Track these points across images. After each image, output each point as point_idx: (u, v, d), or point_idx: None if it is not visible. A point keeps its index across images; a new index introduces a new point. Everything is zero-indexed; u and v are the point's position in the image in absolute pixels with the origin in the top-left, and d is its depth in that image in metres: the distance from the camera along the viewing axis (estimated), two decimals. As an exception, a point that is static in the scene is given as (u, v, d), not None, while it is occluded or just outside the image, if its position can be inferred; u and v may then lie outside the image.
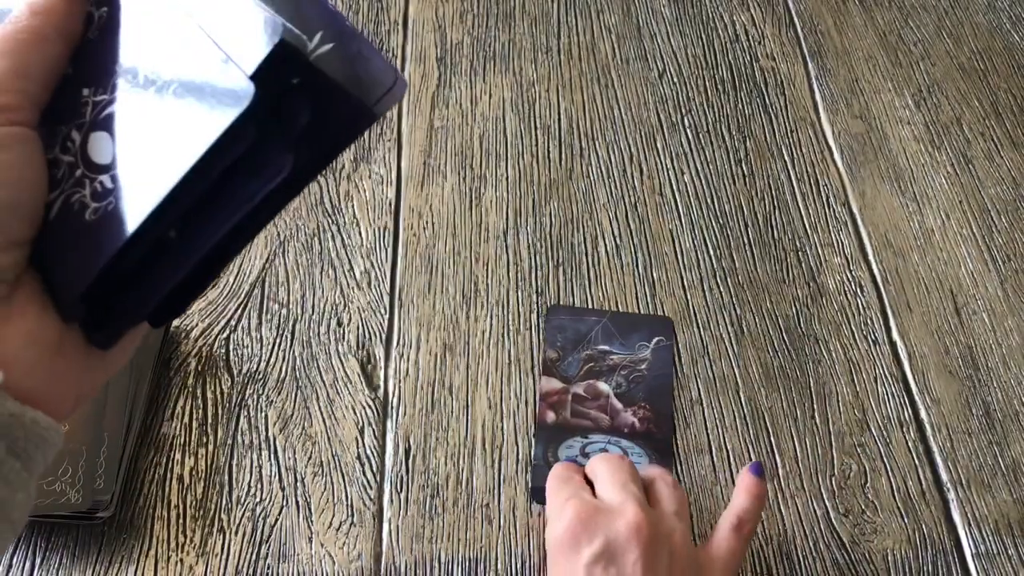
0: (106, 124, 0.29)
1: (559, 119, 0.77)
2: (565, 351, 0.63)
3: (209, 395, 0.61)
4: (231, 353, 0.63)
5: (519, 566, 0.56)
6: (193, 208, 0.27)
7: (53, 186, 0.30)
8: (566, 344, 0.64)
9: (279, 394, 0.61)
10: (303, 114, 0.26)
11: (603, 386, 0.61)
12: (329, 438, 0.60)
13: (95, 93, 0.29)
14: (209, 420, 0.60)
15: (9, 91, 0.29)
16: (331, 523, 0.57)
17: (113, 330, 0.30)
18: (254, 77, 0.25)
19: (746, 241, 0.70)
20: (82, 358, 0.31)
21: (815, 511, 0.58)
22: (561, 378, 0.62)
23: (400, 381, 0.62)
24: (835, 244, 0.70)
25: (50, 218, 0.29)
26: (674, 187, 0.73)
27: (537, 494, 0.58)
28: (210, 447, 0.59)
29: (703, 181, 0.74)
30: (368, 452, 0.59)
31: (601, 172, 0.74)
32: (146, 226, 0.26)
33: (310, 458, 0.59)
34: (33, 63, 0.30)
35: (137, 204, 0.26)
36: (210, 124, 0.25)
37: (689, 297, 0.67)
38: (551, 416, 0.60)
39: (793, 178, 0.74)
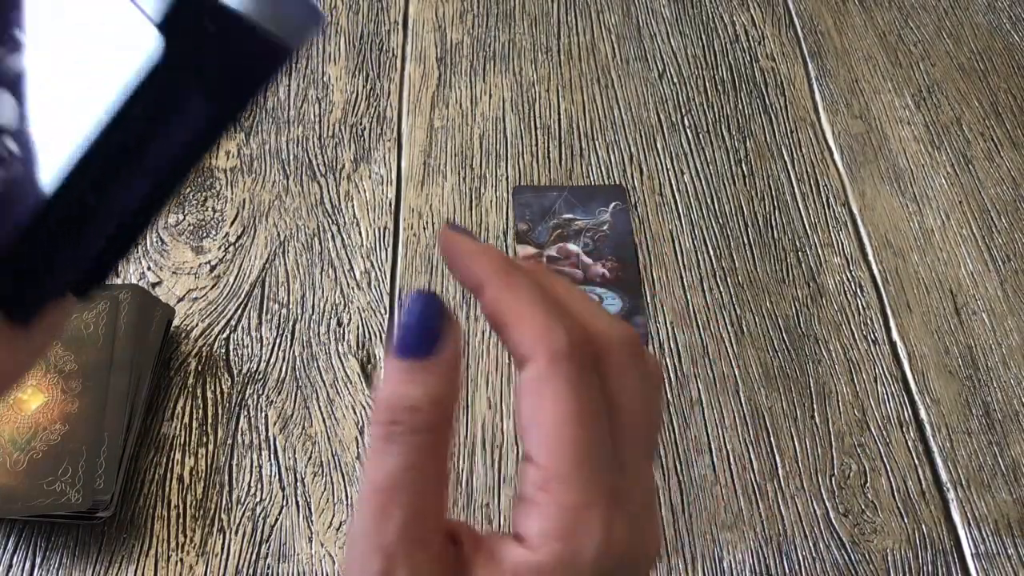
0: (3, 81, 0.27)
1: (559, 119, 0.77)
2: (534, 223, 0.70)
3: (209, 395, 0.61)
4: (231, 353, 0.63)
5: (519, 566, 0.56)
6: (108, 167, 0.25)
7: None
8: (534, 217, 0.70)
9: (279, 394, 0.61)
10: (216, 57, 0.25)
11: (572, 247, 0.69)
12: (329, 438, 0.60)
13: None
14: (209, 420, 0.60)
15: None
16: (331, 523, 0.57)
17: (33, 304, 0.27)
18: (162, 25, 0.24)
19: (746, 241, 0.70)
20: (3, 336, 0.28)
21: (815, 511, 0.58)
22: (534, 245, 0.69)
23: (400, 381, 0.62)
24: (835, 244, 0.70)
25: None
26: (674, 187, 0.73)
27: None
28: (210, 447, 0.59)
29: (703, 181, 0.74)
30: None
31: (601, 172, 0.74)
32: (58, 193, 0.25)
33: (310, 458, 0.59)
34: None
35: (46, 169, 0.25)
36: (117, 77, 0.24)
37: (689, 297, 0.67)
38: None
39: (793, 178, 0.74)
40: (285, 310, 0.65)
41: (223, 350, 0.63)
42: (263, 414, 0.60)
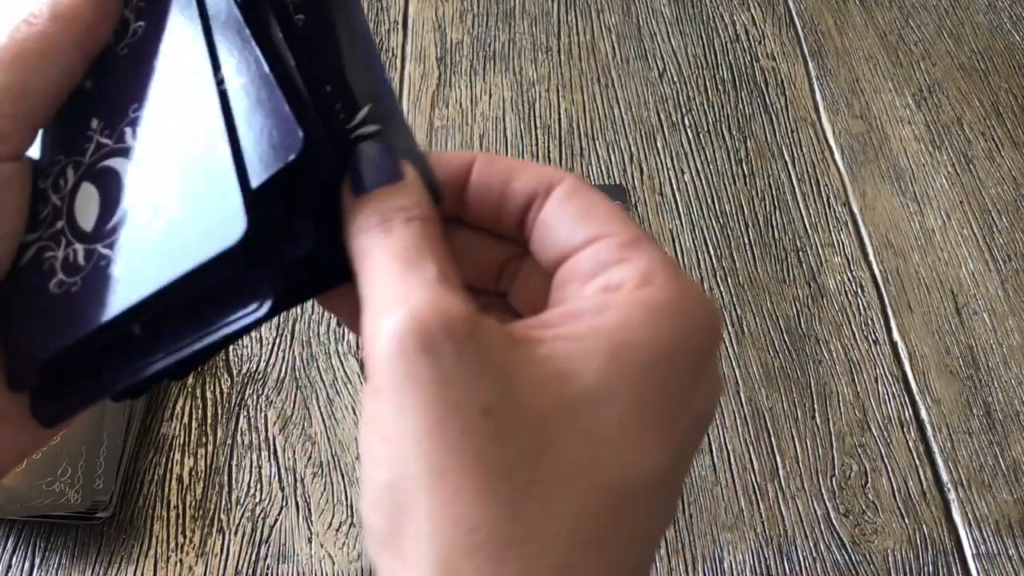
0: (99, 178, 0.26)
1: (559, 119, 0.77)
2: None
3: (209, 395, 0.61)
4: (231, 353, 0.63)
5: (519, 566, 0.56)
6: (161, 315, 0.25)
7: (34, 226, 0.27)
8: None
9: (279, 394, 0.61)
10: (304, 243, 0.24)
11: None
12: (329, 438, 0.60)
13: (102, 131, 0.26)
14: (209, 420, 0.60)
15: (1, 116, 0.26)
16: (331, 523, 0.56)
17: (61, 411, 0.27)
18: (256, 197, 0.23)
19: (746, 241, 0.70)
20: (24, 420, 0.27)
21: (815, 511, 0.58)
22: None
23: (400, 381, 0.62)
24: (835, 244, 0.70)
25: (21, 263, 0.26)
26: (674, 187, 0.73)
27: None
28: (210, 447, 0.59)
29: (703, 181, 0.74)
30: (368, 452, 0.59)
31: (601, 172, 0.74)
32: (107, 324, 0.24)
33: (310, 458, 0.59)
34: (37, 80, 0.26)
35: (101, 303, 0.24)
36: (194, 245, 0.23)
37: (689, 297, 0.67)
38: None
39: (793, 178, 0.74)
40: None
41: (222, 350, 0.63)
42: (263, 414, 0.60)
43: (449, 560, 0.21)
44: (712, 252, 0.69)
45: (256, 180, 0.23)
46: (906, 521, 0.58)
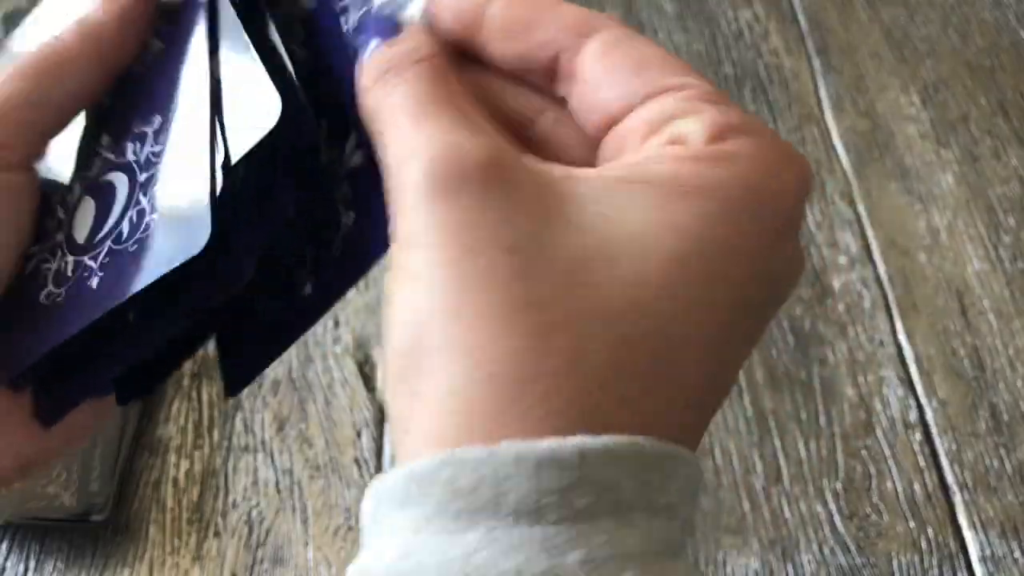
0: (98, 191, 0.26)
1: (560, 116, 0.77)
2: None
3: (205, 397, 0.61)
4: (228, 354, 0.63)
5: (519, 570, 0.55)
6: (153, 306, 0.25)
7: (40, 239, 0.27)
8: None
9: (275, 396, 0.61)
10: (287, 208, 0.25)
11: None
12: (326, 440, 0.59)
13: (109, 146, 0.27)
14: (205, 422, 0.60)
15: (12, 123, 0.26)
16: (328, 527, 0.56)
17: (56, 407, 0.27)
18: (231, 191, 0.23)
19: (750, 240, 0.70)
20: (29, 423, 0.27)
21: (819, 514, 0.58)
22: None
23: (399, 382, 0.62)
24: (840, 244, 0.70)
25: (24, 274, 0.27)
26: (677, 185, 0.73)
27: None
28: (206, 450, 0.59)
29: (706, 179, 0.73)
30: (366, 454, 0.59)
31: (603, 170, 0.73)
32: (98, 323, 0.25)
33: (307, 461, 0.58)
34: (51, 90, 0.26)
35: (75, 315, 0.25)
36: (163, 254, 0.23)
37: (692, 297, 0.67)
38: None
39: (797, 176, 0.74)
40: (282, 310, 0.65)
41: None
42: (259, 416, 0.60)
43: (463, 391, 0.19)
44: (715, 251, 0.69)
45: (236, 157, 0.23)
46: (911, 524, 0.58)
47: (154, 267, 0.23)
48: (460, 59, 0.24)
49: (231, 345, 0.28)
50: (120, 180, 0.26)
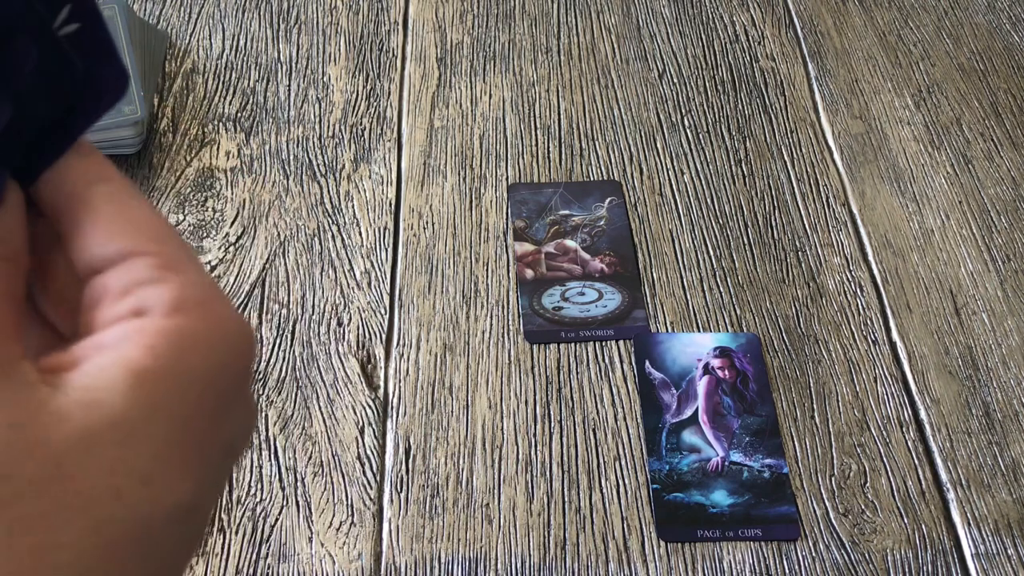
0: None
1: (559, 119, 0.77)
2: (531, 220, 0.71)
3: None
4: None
5: (519, 566, 0.56)
6: None
7: None
8: (530, 214, 0.71)
9: (279, 394, 0.61)
10: (25, 68, 0.23)
11: (570, 243, 0.70)
12: (329, 438, 0.60)
13: None
14: (209, 420, 0.60)
15: None
16: (331, 523, 0.57)
17: None
18: None
19: (746, 241, 0.70)
20: None
21: (815, 511, 0.58)
22: (532, 242, 0.69)
23: (400, 381, 0.62)
24: (835, 244, 0.70)
25: None
26: (674, 187, 0.73)
27: (530, 336, 0.64)
28: (210, 447, 0.59)
29: (703, 181, 0.74)
30: (368, 452, 0.59)
31: (601, 172, 0.74)
32: None
33: (310, 458, 0.59)
34: None
35: None
36: None
37: (689, 297, 0.67)
38: (529, 273, 0.68)
39: (793, 178, 0.74)
40: (285, 310, 0.65)
41: (223, 350, 0.63)
42: (263, 414, 0.60)
43: None
44: (712, 252, 0.70)
45: None
46: (905, 521, 0.58)
47: None
48: None
49: None
50: None
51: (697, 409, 0.62)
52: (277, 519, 0.57)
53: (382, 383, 0.62)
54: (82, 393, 0.21)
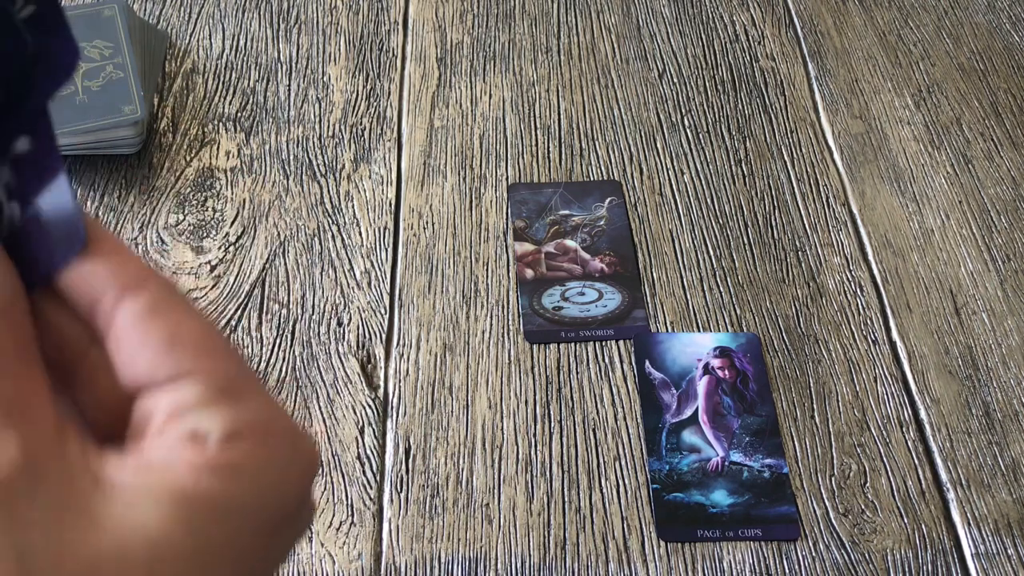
0: None
1: (559, 119, 0.77)
2: (531, 220, 0.71)
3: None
4: (231, 353, 0.63)
5: (519, 566, 0.56)
6: None
7: None
8: (530, 214, 0.71)
9: (279, 394, 0.61)
10: None
11: (570, 243, 0.70)
12: (329, 438, 0.60)
13: None
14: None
15: None
16: (331, 523, 0.57)
17: None
18: None
19: (746, 241, 0.70)
20: None
21: (815, 511, 0.58)
22: (532, 242, 0.70)
23: (400, 381, 0.62)
24: (835, 244, 0.70)
25: None
26: (674, 187, 0.73)
27: (530, 336, 0.65)
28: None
29: (703, 181, 0.74)
30: (368, 452, 0.59)
31: (601, 172, 0.74)
32: None
33: (310, 458, 0.59)
34: None
35: None
36: None
37: (689, 297, 0.67)
38: (529, 273, 0.68)
39: (793, 178, 0.74)
40: (285, 310, 0.65)
41: (223, 350, 0.63)
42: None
43: None
44: (712, 252, 0.70)
45: None
46: (905, 520, 0.58)
47: None
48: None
49: None
50: None
51: (697, 409, 0.62)
52: (277, 519, 0.57)
53: (382, 383, 0.62)
54: (123, 508, 0.21)
